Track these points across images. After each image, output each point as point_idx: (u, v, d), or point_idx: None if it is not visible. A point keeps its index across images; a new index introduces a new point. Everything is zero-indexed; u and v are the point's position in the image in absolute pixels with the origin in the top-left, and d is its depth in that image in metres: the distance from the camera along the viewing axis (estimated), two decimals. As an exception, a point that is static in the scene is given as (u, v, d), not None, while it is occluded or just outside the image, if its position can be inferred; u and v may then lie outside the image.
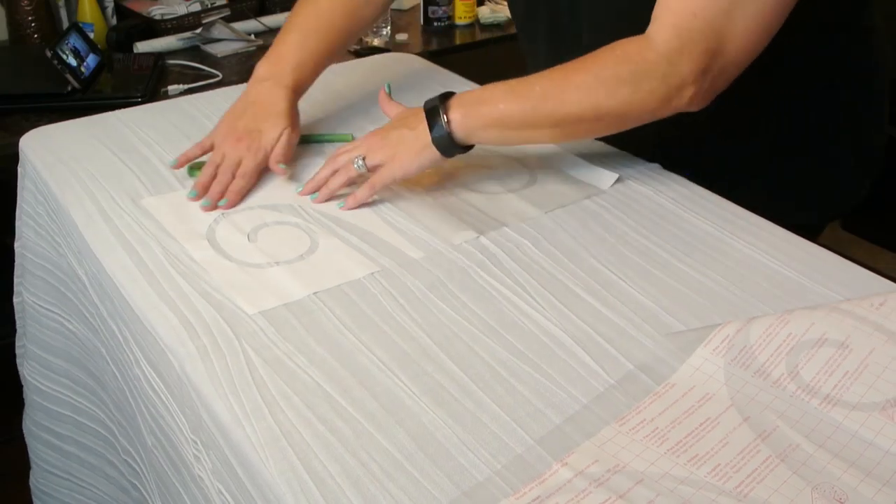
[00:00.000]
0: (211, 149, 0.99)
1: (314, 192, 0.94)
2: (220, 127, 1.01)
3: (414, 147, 0.90)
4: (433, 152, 0.90)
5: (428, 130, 0.89)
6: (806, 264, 0.83)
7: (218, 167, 0.96)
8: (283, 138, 0.98)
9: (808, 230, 0.98)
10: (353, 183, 0.93)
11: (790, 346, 0.69)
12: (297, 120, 1.02)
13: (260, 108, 1.00)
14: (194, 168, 0.99)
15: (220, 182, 0.95)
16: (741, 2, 0.81)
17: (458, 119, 0.88)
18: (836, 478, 0.59)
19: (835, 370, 0.67)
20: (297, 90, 1.03)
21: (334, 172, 0.94)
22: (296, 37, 1.05)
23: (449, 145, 0.89)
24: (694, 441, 0.62)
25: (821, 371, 0.67)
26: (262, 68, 1.04)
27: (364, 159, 0.92)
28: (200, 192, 0.94)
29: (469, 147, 0.92)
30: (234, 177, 0.95)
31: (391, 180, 0.92)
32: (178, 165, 0.99)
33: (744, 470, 0.59)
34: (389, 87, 1.02)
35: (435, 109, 0.89)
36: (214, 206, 0.93)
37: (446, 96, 0.90)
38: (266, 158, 0.98)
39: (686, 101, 0.85)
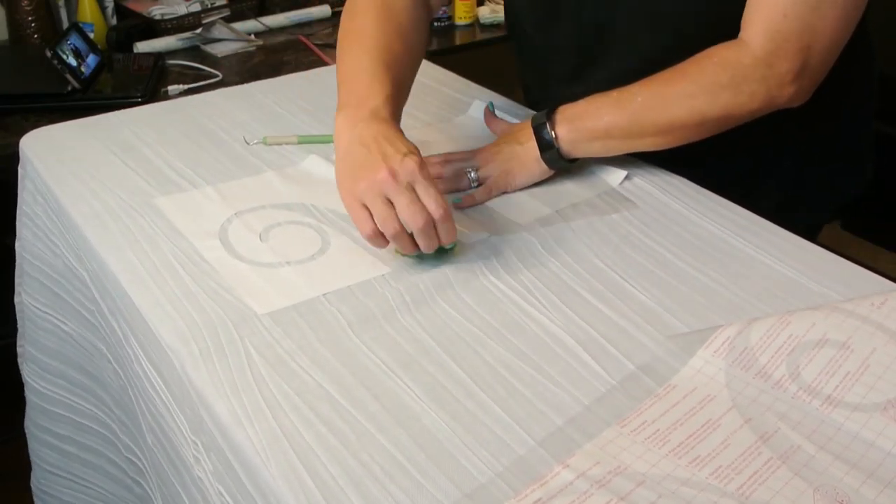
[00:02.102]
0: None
1: None
2: (343, 185, 0.81)
3: (524, 161, 0.94)
4: (541, 165, 0.94)
5: (536, 145, 0.93)
6: (806, 264, 0.83)
7: (390, 218, 0.78)
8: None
9: (812, 229, 0.98)
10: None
11: (791, 347, 0.69)
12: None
13: (383, 139, 0.82)
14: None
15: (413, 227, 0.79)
16: None
17: (564, 133, 0.92)
18: (837, 479, 0.59)
19: (836, 371, 0.67)
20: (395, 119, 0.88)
21: (441, 175, 0.94)
22: (366, 76, 0.89)
23: (556, 159, 0.93)
24: (695, 443, 0.62)
25: (822, 372, 0.67)
26: (344, 116, 0.85)
27: (477, 171, 0.95)
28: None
29: (576, 159, 0.95)
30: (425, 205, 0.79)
31: (503, 191, 0.95)
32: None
33: (745, 472, 0.59)
34: (492, 105, 1.07)
35: (542, 126, 0.92)
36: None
37: (552, 110, 0.93)
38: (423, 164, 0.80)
39: (787, 98, 0.87)
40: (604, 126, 0.91)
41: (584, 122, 0.91)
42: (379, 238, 0.79)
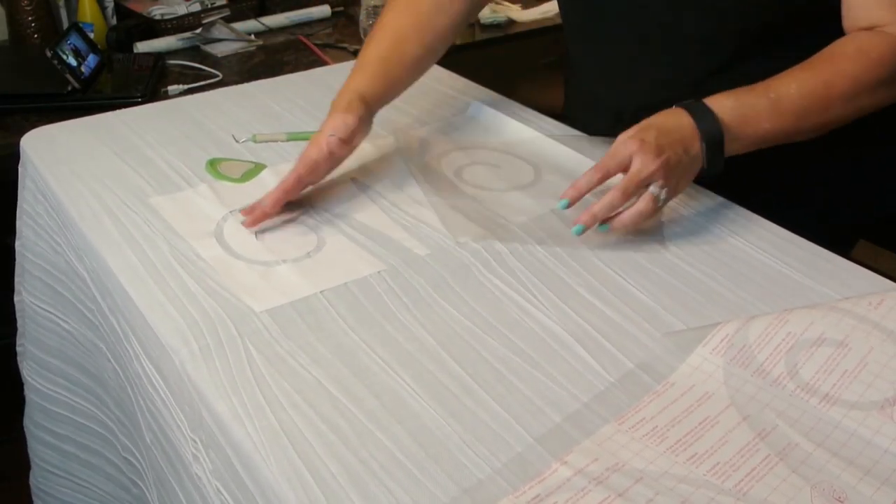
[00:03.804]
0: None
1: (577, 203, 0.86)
2: None
3: (692, 171, 0.87)
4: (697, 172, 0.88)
5: (702, 155, 0.86)
6: (806, 264, 0.83)
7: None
8: (338, 119, 0.92)
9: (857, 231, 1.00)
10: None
11: (789, 345, 0.69)
12: (363, 119, 0.94)
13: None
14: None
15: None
16: None
17: (728, 143, 0.86)
18: (835, 476, 0.59)
19: (834, 369, 0.67)
20: (371, 98, 0.97)
21: (624, 197, 0.84)
22: (368, 56, 1.01)
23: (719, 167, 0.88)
24: (693, 440, 0.62)
25: (820, 370, 0.67)
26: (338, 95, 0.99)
27: (661, 187, 0.84)
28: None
29: None
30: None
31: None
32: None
33: (743, 468, 0.60)
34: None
35: (715, 141, 0.85)
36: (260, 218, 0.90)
37: (715, 118, 0.86)
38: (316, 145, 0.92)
39: None
40: (763, 133, 0.88)
41: (744, 129, 0.87)
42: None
